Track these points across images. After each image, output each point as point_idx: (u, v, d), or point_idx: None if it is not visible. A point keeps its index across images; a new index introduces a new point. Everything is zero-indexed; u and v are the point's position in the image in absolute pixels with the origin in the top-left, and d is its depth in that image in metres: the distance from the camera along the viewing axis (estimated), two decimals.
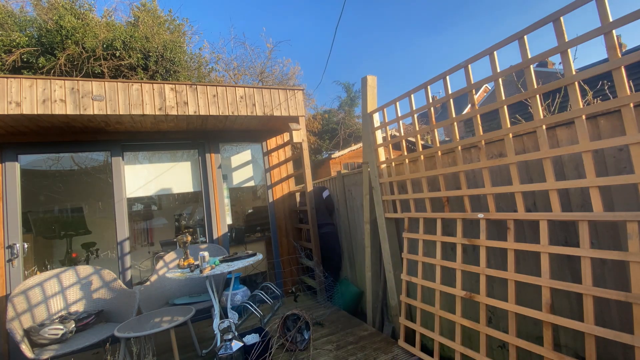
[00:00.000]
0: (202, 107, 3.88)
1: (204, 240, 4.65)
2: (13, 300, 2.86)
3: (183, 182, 4.62)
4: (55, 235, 5.32)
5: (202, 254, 2.81)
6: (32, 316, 2.95)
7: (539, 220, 1.92)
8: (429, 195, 2.66)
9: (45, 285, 3.14)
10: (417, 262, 2.94)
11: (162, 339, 3.30)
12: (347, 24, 30.22)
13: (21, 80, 3.20)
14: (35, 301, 3.03)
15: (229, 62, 11.31)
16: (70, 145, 3.98)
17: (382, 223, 3.21)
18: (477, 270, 2.26)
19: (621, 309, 1.68)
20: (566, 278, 1.89)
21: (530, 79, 1.88)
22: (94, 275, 3.36)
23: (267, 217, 4.91)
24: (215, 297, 2.96)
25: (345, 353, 2.85)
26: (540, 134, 1.85)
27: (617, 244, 1.67)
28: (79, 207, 5.85)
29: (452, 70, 2.36)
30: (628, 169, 1.61)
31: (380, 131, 3.31)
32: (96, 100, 3.43)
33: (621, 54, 1.53)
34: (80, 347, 2.62)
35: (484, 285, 2.21)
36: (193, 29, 9.88)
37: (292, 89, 4.48)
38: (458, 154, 2.39)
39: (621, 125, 1.59)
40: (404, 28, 54.07)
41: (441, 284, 2.65)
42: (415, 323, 2.82)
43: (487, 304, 2.18)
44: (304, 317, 3.02)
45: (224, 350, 2.45)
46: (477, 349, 2.30)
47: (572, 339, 1.89)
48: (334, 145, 15.03)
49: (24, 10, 7.71)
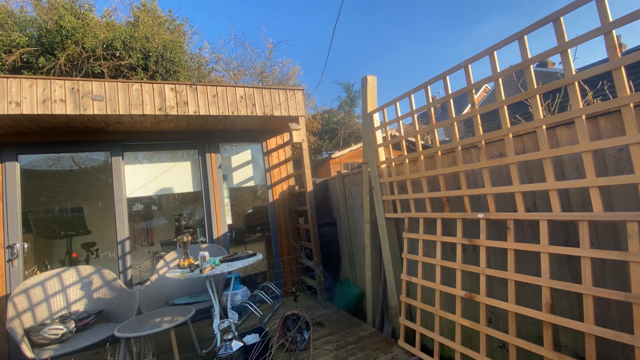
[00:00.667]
0: (202, 107, 3.88)
1: (204, 240, 4.65)
2: (13, 300, 2.86)
3: (183, 182, 4.62)
4: (55, 235, 5.32)
5: (202, 253, 2.81)
6: (32, 316, 2.95)
7: (539, 220, 1.92)
8: (429, 195, 2.66)
9: (45, 285, 3.14)
10: (417, 262, 2.94)
11: (162, 339, 3.30)
12: (347, 24, 30.24)
13: (21, 80, 3.20)
14: (35, 301, 3.03)
15: (229, 62, 11.31)
16: (70, 145, 3.98)
17: (382, 223, 3.21)
18: (477, 270, 2.26)
19: (621, 309, 1.68)
20: (566, 278, 1.89)
21: (530, 79, 1.88)
22: (94, 275, 3.36)
23: (267, 217, 4.91)
24: (215, 297, 2.96)
25: (345, 353, 2.85)
26: (540, 134, 1.85)
27: (617, 244, 1.67)
28: (79, 207, 5.85)
29: (452, 70, 2.36)
30: (628, 169, 1.61)
31: (380, 131, 3.31)
32: (96, 100, 3.43)
33: (621, 54, 1.53)
34: (80, 347, 2.62)
35: (484, 285, 2.21)
36: (193, 29, 9.88)
37: (292, 89, 4.48)
38: (458, 154, 2.39)
39: (621, 125, 1.59)
40: (403, 28, 54.07)
41: (441, 284, 2.65)
42: (415, 323, 2.82)
43: (487, 304, 2.18)
44: (304, 317, 3.02)
45: (224, 350, 2.45)
46: (477, 349, 2.30)
47: (572, 339, 1.89)
48: (334, 145, 15.03)
49: (24, 10, 7.70)
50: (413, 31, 54.74)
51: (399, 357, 2.71)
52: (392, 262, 3.13)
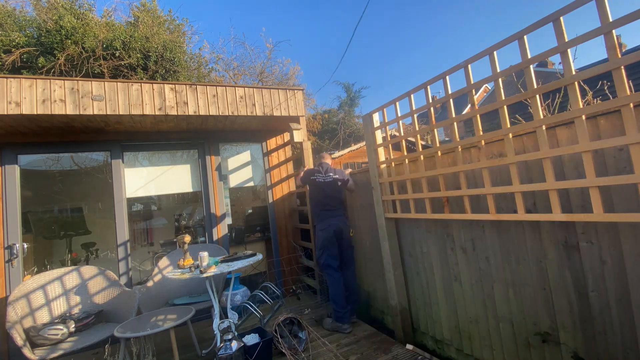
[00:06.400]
0: (202, 107, 3.88)
1: (203, 241, 4.65)
2: (13, 300, 2.86)
3: (183, 182, 4.62)
4: (55, 236, 5.32)
5: (202, 254, 2.80)
6: (32, 316, 2.95)
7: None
8: (428, 195, 2.66)
9: (45, 285, 3.13)
10: (417, 262, 2.94)
11: (162, 339, 3.30)
12: (347, 24, 30.19)
13: (21, 80, 3.20)
14: (35, 301, 3.03)
15: (229, 62, 11.29)
16: (70, 145, 3.98)
17: (381, 223, 3.21)
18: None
19: (621, 309, 1.68)
20: (566, 279, 1.89)
21: (530, 79, 1.88)
22: (94, 275, 3.35)
23: (267, 217, 4.91)
24: (215, 297, 2.96)
25: (345, 353, 2.85)
26: (540, 134, 1.85)
27: (617, 244, 1.67)
28: (79, 207, 5.85)
29: (452, 70, 2.35)
30: (628, 169, 1.61)
31: (380, 131, 3.31)
32: (96, 100, 3.42)
33: (621, 54, 1.53)
34: (80, 347, 2.62)
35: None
36: (193, 29, 9.87)
37: (292, 89, 4.48)
38: (458, 154, 2.38)
39: (621, 125, 1.59)
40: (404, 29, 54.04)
41: (441, 283, 2.65)
42: (415, 323, 2.82)
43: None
44: (297, 319, 3.00)
45: (224, 350, 2.45)
46: (478, 349, 2.30)
47: (572, 338, 1.90)
48: (334, 145, 15.02)
49: (23, 10, 7.69)
50: (413, 34, 54.71)
51: (399, 356, 2.71)
52: (392, 262, 3.13)
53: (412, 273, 3.08)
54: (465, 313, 2.53)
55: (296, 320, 3.08)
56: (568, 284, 1.89)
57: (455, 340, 2.64)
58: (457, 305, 2.60)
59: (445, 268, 2.69)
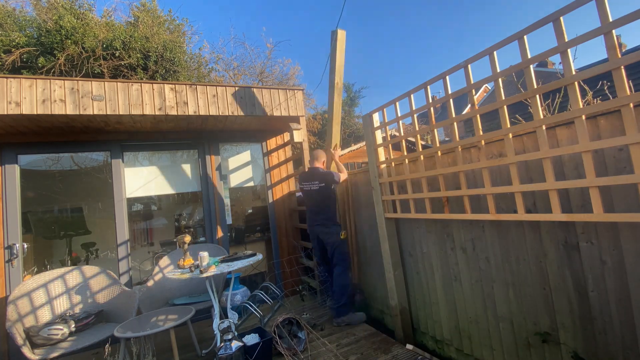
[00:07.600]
0: (202, 107, 3.88)
1: (203, 240, 4.64)
2: (13, 299, 2.86)
3: (183, 182, 4.62)
4: (55, 236, 5.31)
5: (202, 254, 2.81)
6: (32, 315, 2.95)
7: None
8: (428, 195, 2.66)
9: (45, 285, 3.13)
10: (417, 262, 2.94)
11: (162, 339, 3.30)
12: (348, 24, 30.16)
13: (21, 80, 3.20)
14: (35, 301, 3.03)
15: (229, 62, 11.31)
16: (70, 145, 3.98)
17: (381, 223, 3.21)
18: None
19: (621, 309, 1.68)
20: (566, 279, 1.89)
21: (530, 79, 1.88)
22: (94, 274, 3.36)
23: (267, 217, 4.91)
24: (215, 297, 2.96)
25: (345, 353, 2.85)
26: (540, 134, 1.85)
27: (617, 244, 1.67)
28: (79, 207, 5.84)
29: (452, 70, 2.35)
30: (628, 169, 1.61)
31: (380, 131, 3.31)
32: (96, 100, 3.42)
33: (621, 54, 1.53)
34: (80, 347, 2.62)
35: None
36: (193, 29, 9.88)
37: (292, 89, 4.48)
38: (458, 154, 2.38)
39: (621, 125, 1.59)
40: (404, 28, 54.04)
41: (441, 283, 2.65)
42: (415, 323, 2.82)
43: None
44: (296, 319, 3.00)
45: (224, 350, 2.45)
46: (477, 348, 2.30)
47: (572, 338, 1.90)
48: None
49: (23, 10, 7.70)
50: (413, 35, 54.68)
51: (399, 356, 2.71)
52: (392, 262, 3.13)
53: (412, 273, 3.08)
54: (465, 313, 2.53)
55: (295, 321, 3.08)
56: (568, 284, 1.89)
57: (455, 340, 2.64)
58: (457, 305, 2.60)
59: (445, 268, 2.69)
